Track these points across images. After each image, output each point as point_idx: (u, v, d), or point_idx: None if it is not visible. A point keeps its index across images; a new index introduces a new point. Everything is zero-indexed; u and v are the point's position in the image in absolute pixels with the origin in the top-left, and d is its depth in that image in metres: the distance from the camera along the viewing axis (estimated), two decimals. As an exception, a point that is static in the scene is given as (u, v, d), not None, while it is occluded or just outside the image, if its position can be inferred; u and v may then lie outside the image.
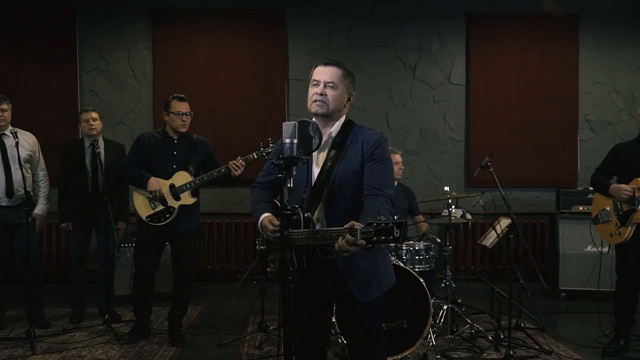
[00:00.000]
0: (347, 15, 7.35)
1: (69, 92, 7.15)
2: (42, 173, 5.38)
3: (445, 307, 4.88)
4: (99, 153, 5.27)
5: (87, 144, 5.41)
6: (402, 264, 4.53)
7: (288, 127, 2.47)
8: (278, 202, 2.77)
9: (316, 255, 2.65)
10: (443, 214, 5.20)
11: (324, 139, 2.74)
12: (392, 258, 4.67)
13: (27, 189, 4.97)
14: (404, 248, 4.88)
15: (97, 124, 5.43)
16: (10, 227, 5.13)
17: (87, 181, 5.35)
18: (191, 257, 4.87)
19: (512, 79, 7.38)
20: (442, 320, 4.87)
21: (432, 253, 4.96)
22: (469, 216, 5.70)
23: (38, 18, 7.14)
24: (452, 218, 5.04)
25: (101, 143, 5.45)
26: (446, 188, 5.09)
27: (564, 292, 6.51)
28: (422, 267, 4.87)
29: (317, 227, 2.65)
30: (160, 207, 4.64)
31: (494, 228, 5.28)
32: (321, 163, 2.70)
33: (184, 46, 7.23)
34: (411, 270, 4.50)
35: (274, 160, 2.43)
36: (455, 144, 7.44)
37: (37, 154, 5.36)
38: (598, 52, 7.44)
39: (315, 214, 2.65)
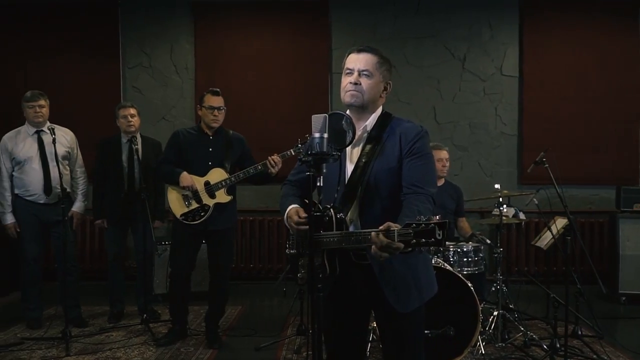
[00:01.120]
0: (392, 5, 7.07)
1: (112, 89, 7.10)
2: (80, 170, 5.32)
3: (495, 312, 4.56)
4: (137, 150, 5.17)
5: (124, 140, 5.31)
6: (448, 267, 4.26)
7: (317, 120, 2.25)
8: (307, 200, 2.55)
9: (350, 259, 2.42)
10: (494, 213, 4.88)
11: (359, 132, 2.50)
12: (439, 260, 4.40)
13: (64, 186, 4.90)
14: (451, 249, 4.61)
15: (136, 120, 5.32)
16: (48, 224, 5.08)
17: (123, 178, 5.24)
18: (227, 256, 4.72)
19: (568, 70, 6.96)
20: (492, 326, 4.56)
21: (481, 255, 4.67)
22: (522, 216, 5.37)
23: (81, 14, 7.11)
24: (504, 218, 4.73)
25: (139, 140, 5.34)
26: (497, 186, 4.77)
27: (624, 296, 6.11)
28: (471, 270, 4.59)
29: (351, 229, 2.42)
30: (195, 205, 4.49)
31: (549, 228, 4.93)
32: (355, 159, 2.47)
33: (225, 40, 7.09)
34: (458, 274, 4.23)
35: (301, 156, 2.21)
36: (508, 138, 7.07)
37: (76, 151, 5.30)
38: (662, 40, 6.95)
39: (349, 214, 2.42)
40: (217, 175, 4.51)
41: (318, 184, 2.23)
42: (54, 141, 4.79)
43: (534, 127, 6.98)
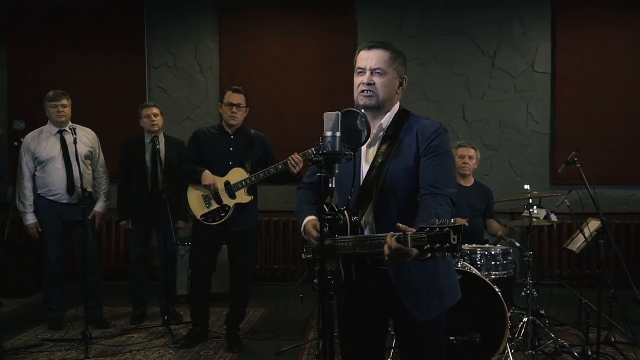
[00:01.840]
0: (419, 2, 6.90)
1: (137, 89, 7.08)
2: (102, 170, 5.30)
3: (525, 319, 4.38)
4: (158, 150, 5.13)
5: (147, 140, 5.27)
6: (475, 271, 4.10)
7: (329, 118, 2.14)
8: (326, 205, 2.43)
9: (367, 265, 2.30)
10: (524, 215, 4.70)
11: (374, 132, 2.38)
12: (465, 264, 4.25)
13: (84, 187, 4.88)
14: (479, 253, 4.44)
15: (159, 120, 5.28)
16: (70, 225, 5.06)
17: (147, 178, 5.20)
18: (248, 258, 4.63)
19: (602, 66, 6.71)
20: (521, 333, 4.38)
21: (510, 258, 4.49)
22: (554, 217, 5.15)
23: (107, 14, 7.11)
24: (534, 220, 4.54)
25: (162, 140, 5.29)
26: (526, 187, 4.58)
27: (660, 301, 5.83)
28: (500, 274, 4.42)
29: (367, 232, 2.30)
30: (215, 206, 4.42)
31: (581, 231, 4.73)
32: (371, 160, 2.35)
33: (250, 39, 7.01)
34: (485, 278, 4.07)
35: (312, 157, 2.10)
36: (540, 137, 6.85)
37: (98, 151, 5.28)
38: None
39: (364, 217, 2.30)
40: (237, 175, 4.43)
41: (330, 185, 2.12)
42: (75, 141, 4.76)
43: (567, 125, 6.75)
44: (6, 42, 7.17)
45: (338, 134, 2.12)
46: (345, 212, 2.28)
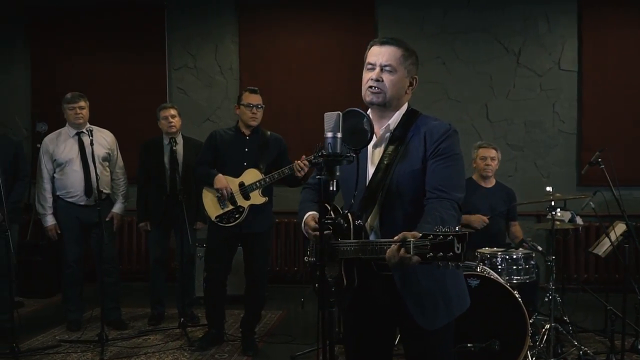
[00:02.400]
0: (441, 0, 6.77)
1: (157, 90, 7.07)
2: (120, 171, 5.29)
3: (547, 325, 4.24)
4: (176, 151, 5.10)
5: (165, 141, 5.25)
6: (494, 276, 3.98)
7: (330, 118, 2.07)
8: (328, 206, 2.35)
9: (371, 270, 2.22)
10: (548, 217, 4.55)
11: (381, 132, 2.30)
12: (484, 268, 4.13)
13: (100, 188, 4.88)
14: (500, 256, 4.32)
15: (176, 121, 5.26)
16: (89, 226, 5.06)
17: (165, 180, 5.18)
18: (263, 260, 4.58)
19: (631, 63, 6.49)
20: (543, 340, 4.24)
21: (532, 262, 4.36)
22: (579, 220, 5.00)
23: (128, 15, 7.13)
24: (558, 223, 4.40)
25: (180, 141, 5.27)
26: (548, 188, 4.43)
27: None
28: (521, 279, 4.30)
29: (371, 236, 2.22)
30: (230, 207, 4.37)
31: (607, 235, 4.56)
32: (377, 161, 2.26)
33: (269, 39, 6.96)
34: (505, 283, 3.95)
35: (311, 158, 2.02)
36: (566, 137, 6.66)
37: (115, 152, 5.28)
38: None
39: (369, 221, 2.22)
40: (251, 176, 4.38)
41: (331, 188, 2.04)
42: (91, 143, 4.77)
43: (594, 124, 6.55)
44: (29, 44, 7.23)
45: (339, 135, 2.05)
46: (349, 215, 2.20)
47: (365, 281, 2.22)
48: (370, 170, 2.27)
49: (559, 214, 4.41)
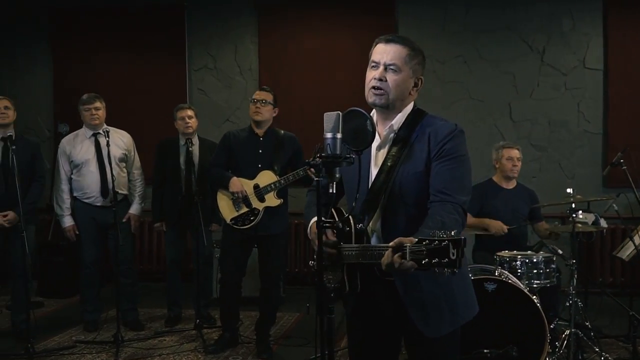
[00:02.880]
0: (463, -2, 6.68)
1: (178, 91, 7.07)
2: (137, 172, 5.30)
3: (567, 331, 4.11)
4: (192, 152, 5.08)
5: (182, 142, 5.24)
6: (512, 279, 3.87)
7: (330, 118, 2.01)
8: (334, 210, 2.29)
9: (373, 275, 2.15)
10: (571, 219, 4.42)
11: (385, 133, 2.23)
12: (503, 271, 4.02)
13: (117, 189, 4.90)
14: (519, 260, 4.20)
15: (193, 122, 5.25)
16: (106, 227, 5.06)
17: (181, 181, 5.17)
18: (278, 262, 4.54)
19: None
20: (563, 346, 4.11)
21: (553, 266, 4.23)
22: (603, 223, 4.86)
23: (148, 17, 7.15)
24: (579, 225, 4.27)
25: (196, 142, 5.26)
26: (569, 190, 4.30)
27: None
28: (542, 283, 4.17)
29: (373, 240, 2.15)
30: (244, 209, 4.34)
31: (631, 238, 4.42)
32: (380, 163, 2.19)
33: (289, 39, 6.92)
34: (524, 287, 3.85)
35: (310, 159, 1.96)
36: (591, 137, 6.49)
37: (133, 153, 5.28)
38: None
39: (371, 224, 2.15)
40: (266, 177, 4.34)
41: (331, 191, 1.98)
42: (107, 144, 4.77)
43: (620, 124, 6.36)
44: (51, 45, 7.30)
45: (338, 135, 1.98)
46: (350, 218, 2.14)
47: (368, 287, 2.16)
48: (374, 172, 2.21)
49: (580, 216, 4.28)
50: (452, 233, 1.74)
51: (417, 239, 1.79)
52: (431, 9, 6.70)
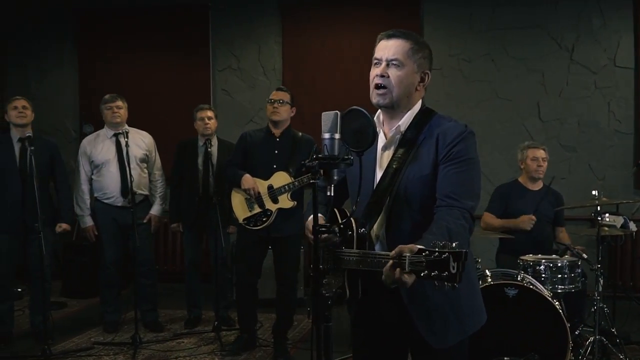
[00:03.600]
0: (490, -6, 6.53)
1: (202, 92, 7.06)
2: (158, 173, 5.30)
3: (591, 338, 3.96)
4: (210, 153, 5.06)
5: (200, 143, 5.23)
6: (534, 284, 3.75)
7: (328, 117, 1.94)
8: (337, 211, 2.22)
9: (376, 282, 2.06)
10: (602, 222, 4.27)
11: (391, 133, 2.14)
12: (526, 276, 3.90)
13: (137, 190, 4.91)
14: (543, 264, 4.08)
15: (212, 123, 5.24)
16: (126, 227, 5.06)
17: (199, 181, 5.15)
18: (292, 264, 4.49)
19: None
20: (587, 353, 3.96)
21: (579, 271, 4.10)
22: (632, 226, 4.69)
23: (173, 17, 7.16)
24: (606, 229, 4.12)
25: (215, 143, 5.24)
26: (594, 192, 4.15)
27: None
28: (567, 288, 4.05)
29: (377, 246, 2.07)
30: (257, 210, 4.29)
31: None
32: (385, 165, 2.11)
33: (313, 39, 6.86)
34: (548, 292, 3.73)
35: (305, 161, 1.89)
36: (622, 137, 6.27)
37: (154, 154, 5.29)
38: None
39: (374, 229, 2.07)
40: (280, 179, 4.29)
41: (328, 194, 1.91)
42: (126, 144, 4.78)
43: (653, 124, 6.16)
44: (77, 46, 7.37)
45: (337, 136, 1.91)
46: (353, 221, 2.06)
47: (371, 294, 2.08)
48: (378, 174, 2.13)
49: (607, 219, 4.13)
50: (454, 244, 1.64)
51: (417, 249, 1.70)
52: (457, 7, 6.57)
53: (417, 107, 2.16)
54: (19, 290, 6.06)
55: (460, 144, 2.03)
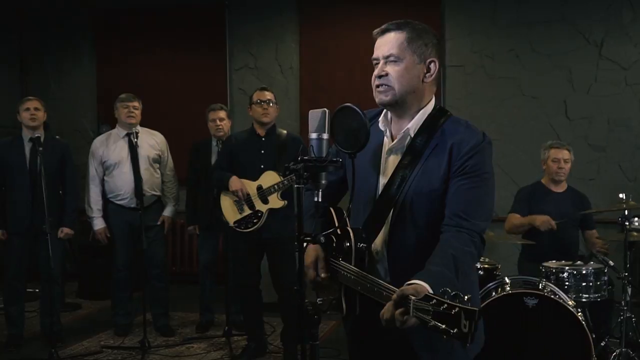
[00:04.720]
0: (514, -12, 6.28)
1: (219, 91, 6.96)
2: (170, 174, 5.20)
3: (617, 350, 3.74)
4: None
5: (214, 143, 5.11)
6: (557, 293, 3.55)
7: (315, 116, 1.77)
8: (333, 210, 2.06)
9: (375, 300, 1.89)
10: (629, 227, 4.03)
11: (399, 137, 1.94)
12: (547, 284, 3.69)
13: (150, 191, 4.83)
14: (567, 272, 3.87)
15: (224, 124, 5.13)
16: (138, 229, 4.95)
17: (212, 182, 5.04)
18: (288, 267, 4.31)
19: None
20: (613, 366, 3.75)
21: (605, 279, 3.88)
22: (664, 230, 4.42)
23: (189, 15, 7.07)
24: (634, 234, 3.88)
25: (226, 144, 5.12)
26: (621, 195, 3.92)
27: None
28: (591, 297, 3.83)
29: (379, 266, 1.91)
30: (248, 212, 4.18)
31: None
32: (390, 172, 1.92)
33: (331, 37, 6.70)
34: (570, 302, 3.52)
35: (290, 164, 1.73)
36: (655, 136, 6.00)
37: (166, 154, 5.19)
38: None
39: (375, 243, 1.89)
40: (269, 178, 4.19)
41: (315, 199, 1.74)
42: (136, 145, 4.70)
43: (688, 122, 5.85)
44: (95, 46, 7.33)
45: (324, 136, 1.75)
46: (351, 232, 1.88)
47: (369, 313, 1.90)
48: (382, 181, 1.94)
49: (636, 223, 3.89)
50: (466, 298, 1.42)
51: (423, 295, 1.50)
52: (480, 2, 6.34)
53: (430, 107, 1.97)
54: (37, 290, 6.03)
55: (475, 156, 1.83)
